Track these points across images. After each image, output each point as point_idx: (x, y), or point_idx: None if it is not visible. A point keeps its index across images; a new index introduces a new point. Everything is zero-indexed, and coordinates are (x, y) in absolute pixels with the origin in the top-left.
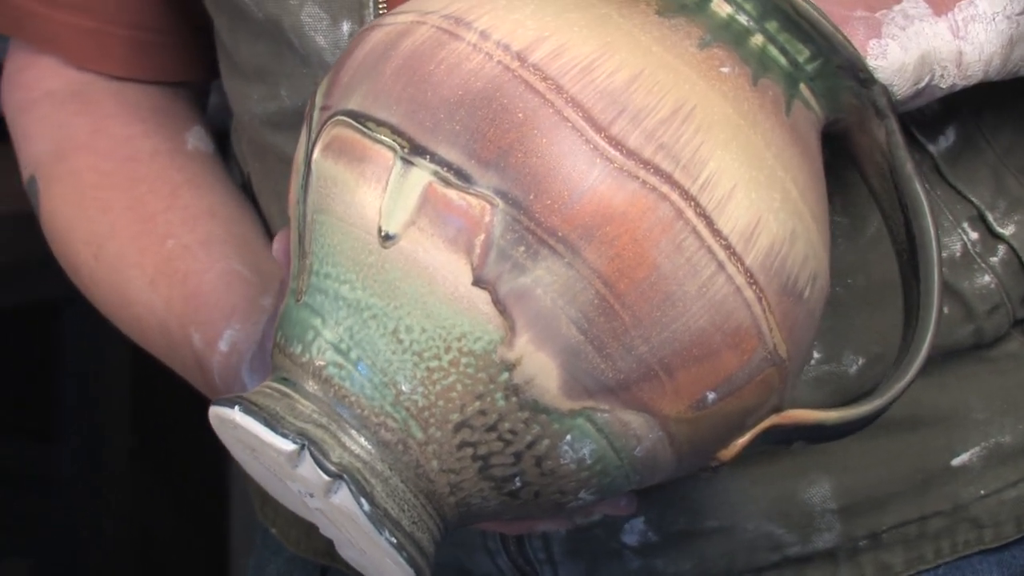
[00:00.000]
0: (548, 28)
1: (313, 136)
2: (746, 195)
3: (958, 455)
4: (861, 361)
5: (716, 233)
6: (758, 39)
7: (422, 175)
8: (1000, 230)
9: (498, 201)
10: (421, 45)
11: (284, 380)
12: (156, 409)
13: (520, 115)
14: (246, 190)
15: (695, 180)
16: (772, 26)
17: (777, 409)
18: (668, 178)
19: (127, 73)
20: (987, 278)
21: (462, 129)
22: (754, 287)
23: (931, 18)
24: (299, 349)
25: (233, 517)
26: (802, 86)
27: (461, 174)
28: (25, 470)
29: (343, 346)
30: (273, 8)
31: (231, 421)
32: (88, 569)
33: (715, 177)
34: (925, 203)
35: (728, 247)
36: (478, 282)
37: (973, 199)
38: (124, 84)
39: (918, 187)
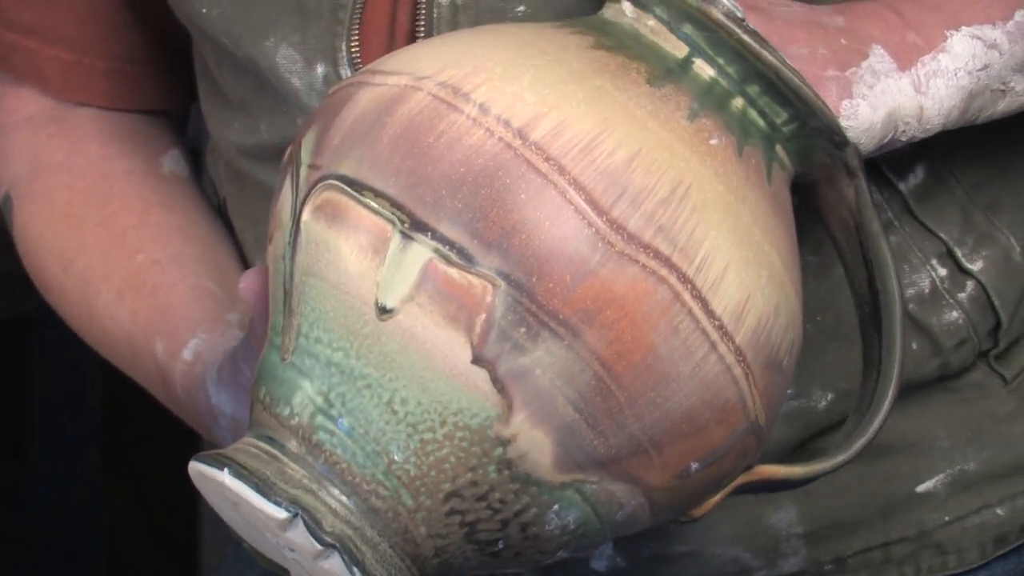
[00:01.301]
0: (547, 103)
1: (301, 195)
2: (737, 274)
3: (923, 482)
4: (830, 396)
5: (710, 314)
6: (739, 102)
7: (423, 251)
8: (968, 266)
9: (500, 282)
10: (418, 115)
11: (271, 440)
12: (128, 426)
13: (523, 196)
14: (221, 212)
15: (692, 262)
16: (753, 90)
17: (749, 468)
18: (667, 261)
19: (108, 103)
20: (955, 314)
21: (464, 207)
22: (742, 364)
23: (896, 73)
24: (287, 411)
25: (204, 534)
26: (778, 147)
27: (463, 253)
28: None
29: (334, 412)
30: (250, 49)
31: (218, 482)
32: None
33: (710, 258)
34: (891, 263)
35: (721, 327)
36: (477, 361)
37: (942, 235)
38: (102, 111)
39: (884, 246)
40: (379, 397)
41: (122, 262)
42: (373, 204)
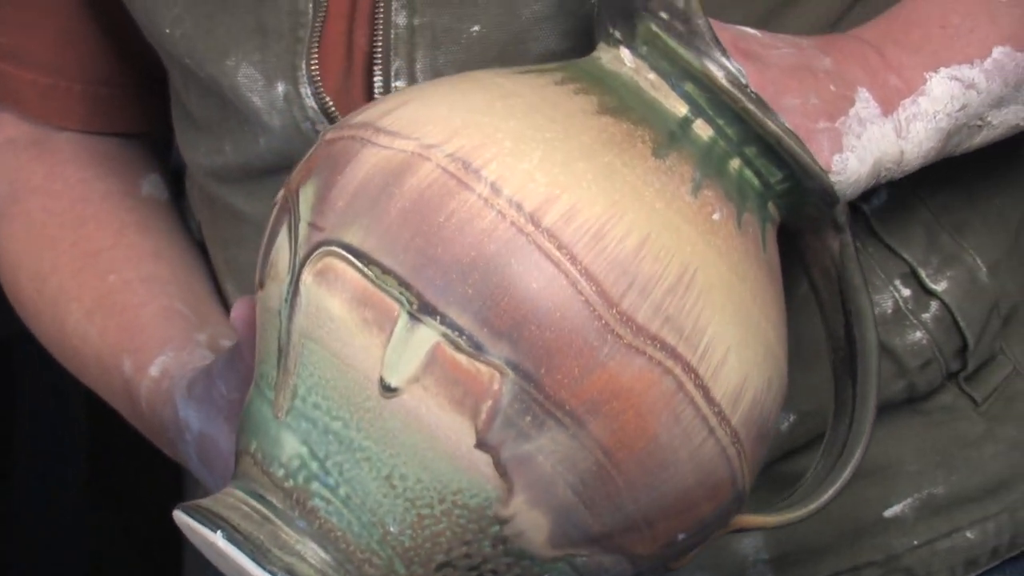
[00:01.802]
0: (558, 184)
1: (301, 254)
2: (736, 357)
3: (891, 506)
4: (792, 418)
5: (710, 401)
6: (736, 163)
7: (431, 335)
8: (932, 286)
9: (509, 372)
10: (428, 189)
11: (262, 499)
12: (113, 448)
13: (535, 285)
14: (197, 235)
15: (696, 351)
16: (751, 151)
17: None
18: (672, 352)
19: (86, 127)
20: (919, 334)
21: (475, 294)
22: (736, 444)
23: (880, 119)
24: (280, 472)
25: (187, 556)
26: (770, 204)
27: (473, 341)
28: None
29: (331, 481)
30: (212, 69)
31: (210, 542)
32: None
33: (712, 344)
34: (872, 316)
35: (719, 413)
36: (481, 445)
37: (905, 256)
38: (83, 134)
39: (866, 300)
40: (378, 470)
41: (93, 283)
42: (380, 281)
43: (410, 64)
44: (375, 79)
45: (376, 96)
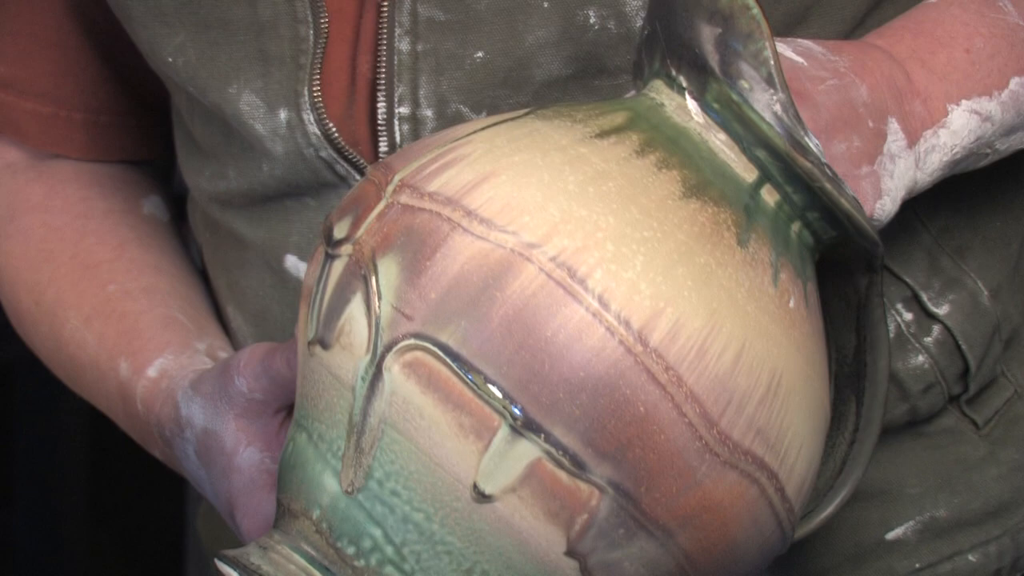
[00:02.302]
0: (662, 296)
1: (385, 338)
2: (808, 450)
3: (893, 529)
4: None
5: (784, 499)
6: (796, 226)
7: (532, 450)
8: (935, 310)
9: (609, 490)
10: (533, 298)
11: (328, 573)
12: (113, 475)
13: (642, 408)
14: (199, 259)
15: (779, 457)
16: (813, 215)
17: None
18: (761, 463)
19: (87, 155)
20: (921, 358)
21: (582, 415)
22: (792, 522)
23: (906, 152)
24: (351, 550)
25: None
26: (818, 254)
27: (576, 460)
28: None
29: (407, 567)
30: (214, 97)
31: None
32: None
33: (791, 445)
34: (887, 348)
35: (790, 508)
36: (571, 553)
37: (907, 280)
38: (83, 162)
39: (884, 332)
40: (459, 564)
41: (92, 291)
42: (482, 391)
43: (413, 90)
44: (378, 105)
45: (380, 122)
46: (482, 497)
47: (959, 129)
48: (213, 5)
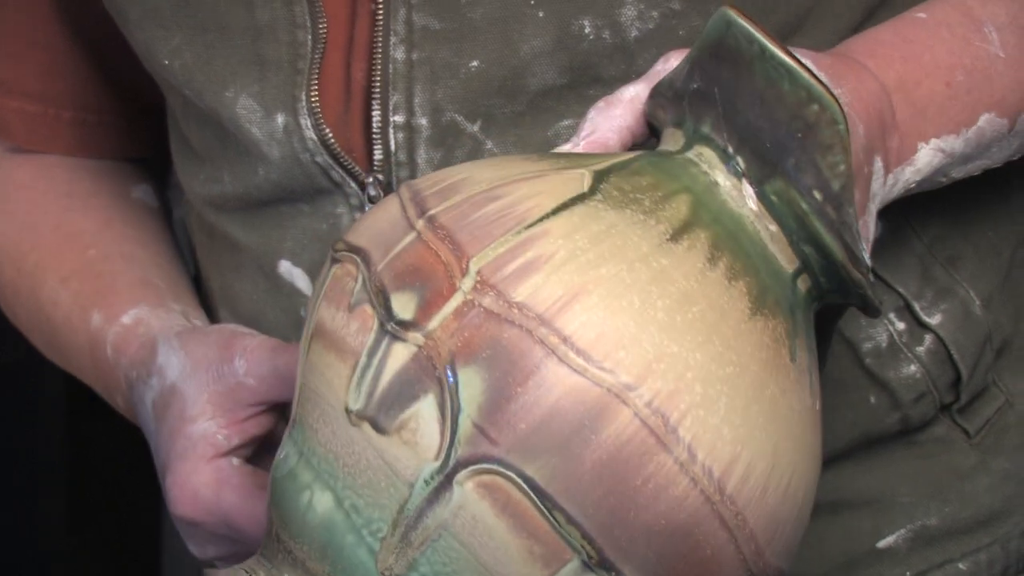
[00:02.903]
0: (739, 439)
1: (462, 453)
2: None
3: (884, 537)
4: None
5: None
6: (814, 306)
7: None
8: (927, 320)
9: None
10: (627, 445)
11: None
12: (89, 480)
13: (709, 551)
14: (192, 261)
15: (789, 561)
16: (834, 296)
17: None
18: (780, 573)
19: (73, 153)
20: (913, 367)
21: (656, 559)
22: None
23: (880, 189)
24: None
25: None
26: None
27: None
28: None
29: None
30: (211, 100)
31: None
32: None
33: (794, 540)
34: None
35: None
36: None
37: (899, 289)
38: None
39: (827, 353)
40: None
41: (73, 255)
42: (562, 529)
43: (408, 98)
44: (373, 112)
45: (375, 130)
46: None
47: (923, 167)
48: (210, 8)
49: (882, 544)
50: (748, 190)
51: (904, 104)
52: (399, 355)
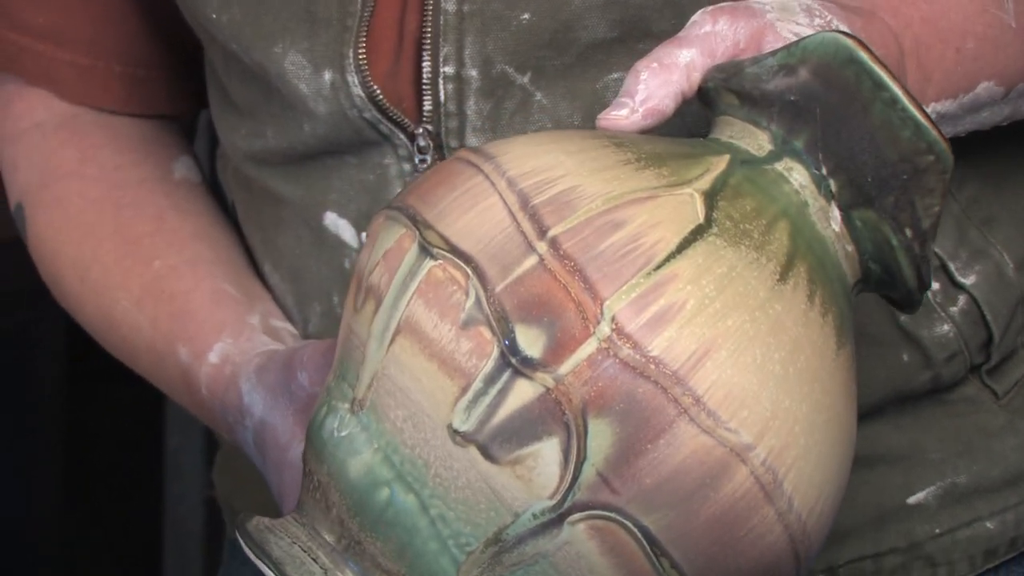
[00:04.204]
0: (826, 481)
1: (580, 497)
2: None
3: (914, 494)
4: None
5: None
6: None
7: None
8: (962, 280)
9: None
10: (740, 501)
11: None
12: (90, 449)
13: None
14: (231, 216)
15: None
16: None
17: None
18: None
19: (120, 108)
20: (946, 327)
21: None
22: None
23: None
24: None
25: (166, 556)
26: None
27: None
28: None
29: None
30: (259, 56)
31: None
32: None
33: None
34: None
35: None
36: None
37: (936, 249)
38: (113, 116)
39: None
40: None
41: (138, 270)
42: (665, 572)
43: (459, 50)
44: (424, 64)
45: (424, 81)
46: None
47: None
48: None
49: (912, 500)
50: (835, 213)
51: (914, 68)
52: (523, 392)
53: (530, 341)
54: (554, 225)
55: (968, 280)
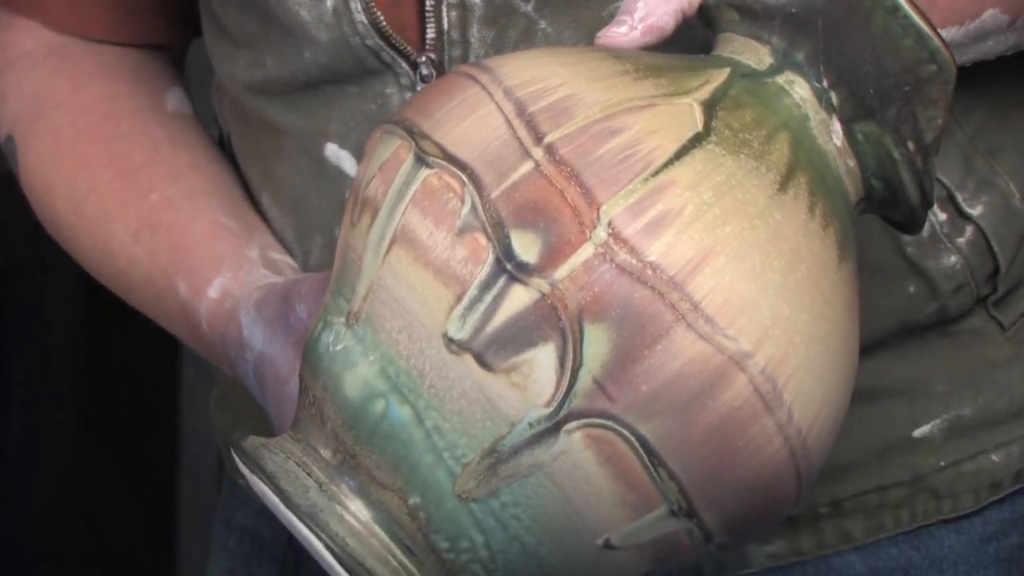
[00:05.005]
0: (828, 395)
1: (576, 404)
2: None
3: (919, 426)
4: None
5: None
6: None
7: (677, 526)
8: (968, 210)
9: (715, 549)
10: (739, 410)
11: (410, 554)
12: (104, 377)
13: (779, 498)
14: (223, 148)
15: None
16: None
17: None
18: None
19: (109, 37)
20: (953, 258)
21: (735, 508)
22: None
23: None
24: (445, 545)
25: (182, 490)
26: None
27: (708, 535)
28: None
29: (492, 567)
30: None
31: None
32: (35, 541)
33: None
34: None
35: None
36: None
37: (943, 179)
38: (102, 45)
39: None
40: (540, 574)
41: (134, 202)
42: (662, 484)
43: None
44: None
45: (428, 8)
46: (609, 548)
47: None
48: None
49: (917, 433)
50: (836, 127)
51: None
52: (518, 298)
53: (525, 246)
54: (551, 131)
55: (975, 210)
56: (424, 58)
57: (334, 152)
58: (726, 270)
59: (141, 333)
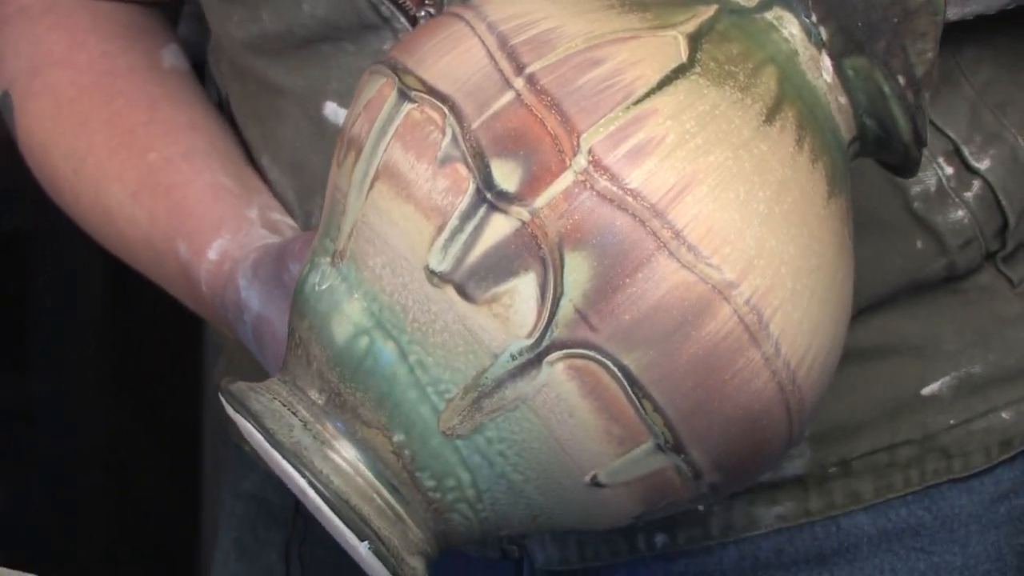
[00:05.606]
0: (816, 330)
1: (558, 335)
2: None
3: (928, 384)
4: None
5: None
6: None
7: (666, 461)
8: (976, 164)
9: (706, 489)
10: (723, 341)
11: (397, 493)
12: (129, 339)
13: (768, 435)
14: (222, 111)
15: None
16: (872, 157)
17: None
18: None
19: None
20: (961, 213)
21: (724, 444)
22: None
23: None
24: (431, 484)
25: (205, 445)
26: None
27: (698, 473)
28: None
29: (480, 507)
30: None
31: (339, 530)
32: (63, 496)
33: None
34: None
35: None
36: (638, 519)
37: (949, 133)
38: (97, 1)
39: None
40: (534, 517)
41: (134, 162)
42: (647, 416)
43: None
44: None
45: None
46: (596, 485)
47: None
48: None
49: (927, 391)
50: (826, 62)
51: None
52: (499, 227)
53: (505, 175)
54: (532, 62)
55: (982, 165)
56: (423, 12)
57: (333, 111)
58: (709, 198)
59: (166, 295)
